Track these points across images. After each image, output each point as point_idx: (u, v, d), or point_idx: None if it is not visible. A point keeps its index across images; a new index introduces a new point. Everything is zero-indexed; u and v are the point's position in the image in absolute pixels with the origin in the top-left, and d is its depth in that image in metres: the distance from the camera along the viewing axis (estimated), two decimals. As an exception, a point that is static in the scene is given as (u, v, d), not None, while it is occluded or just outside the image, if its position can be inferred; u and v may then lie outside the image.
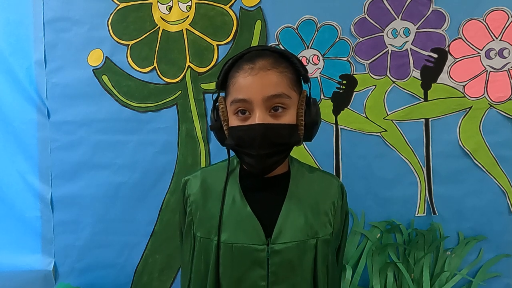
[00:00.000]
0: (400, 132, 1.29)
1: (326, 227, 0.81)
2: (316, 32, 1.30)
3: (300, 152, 1.30)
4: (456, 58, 1.26)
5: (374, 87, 1.30)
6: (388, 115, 1.30)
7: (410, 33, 1.27)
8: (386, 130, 1.29)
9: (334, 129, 1.31)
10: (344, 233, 0.91)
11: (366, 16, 1.28)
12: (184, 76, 1.35)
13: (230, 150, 0.81)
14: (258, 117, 0.72)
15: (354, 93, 1.30)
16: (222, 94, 0.81)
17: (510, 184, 1.26)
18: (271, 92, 0.72)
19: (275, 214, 0.79)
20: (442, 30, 1.26)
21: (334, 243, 0.86)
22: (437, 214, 1.29)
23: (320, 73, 1.31)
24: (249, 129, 0.73)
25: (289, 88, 0.75)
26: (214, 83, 0.81)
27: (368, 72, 1.30)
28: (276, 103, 0.74)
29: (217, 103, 0.79)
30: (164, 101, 1.35)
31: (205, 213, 0.82)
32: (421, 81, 1.28)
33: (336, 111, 1.31)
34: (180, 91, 1.35)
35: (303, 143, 1.29)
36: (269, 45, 1.31)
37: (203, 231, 0.82)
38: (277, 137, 0.74)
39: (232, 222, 0.79)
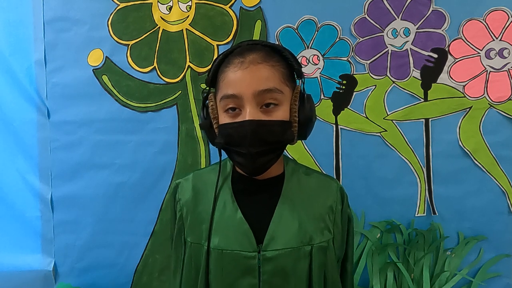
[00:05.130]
0: (400, 132, 1.29)
1: (323, 233, 0.76)
2: (316, 32, 1.30)
3: (300, 152, 1.30)
4: (456, 58, 1.26)
5: (374, 87, 1.30)
6: (388, 115, 1.30)
7: (410, 33, 1.27)
8: (386, 130, 1.29)
9: (334, 129, 1.31)
10: (349, 241, 0.85)
11: (366, 16, 1.28)
12: (184, 76, 1.35)
13: (222, 152, 0.77)
14: (249, 113, 0.68)
15: (354, 93, 1.30)
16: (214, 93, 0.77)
17: (510, 184, 1.26)
18: (262, 86, 0.68)
19: (267, 219, 0.74)
20: (442, 30, 1.26)
21: (337, 253, 0.81)
22: (437, 214, 1.29)
23: (320, 73, 1.31)
24: (239, 126, 0.69)
25: (281, 82, 0.71)
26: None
27: (368, 72, 1.30)
28: (268, 98, 0.70)
29: (207, 101, 0.76)
30: (164, 101, 1.35)
31: (196, 217, 0.78)
32: (421, 81, 1.28)
33: (336, 111, 1.31)
34: (180, 91, 1.35)
35: (303, 143, 1.31)
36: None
37: (193, 236, 0.78)
38: (268, 134, 0.69)
39: (223, 227, 0.75)
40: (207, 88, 0.76)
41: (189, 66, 1.34)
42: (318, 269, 0.75)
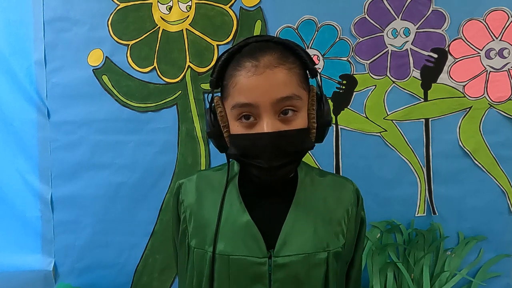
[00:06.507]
0: (400, 132, 1.29)
1: (338, 239, 0.70)
2: (316, 32, 1.30)
3: (300, 152, 1.30)
4: (456, 58, 1.26)
5: (374, 87, 1.30)
6: (388, 115, 1.30)
7: (410, 33, 1.27)
8: (386, 130, 1.29)
9: (334, 129, 1.31)
10: (359, 245, 0.79)
11: (366, 16, 1.28)
12: (184, 76, 1.35)
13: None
14: (267, 124, 0.62)
15: (354, 93, 1.30)
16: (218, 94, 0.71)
17: (510, 184, 1.26)
18: (280, 94, 0.62)
19: (279, 223, 0.68)
20: (442, 30, 1.26)
21: (345, 257, 0.74)
22: (437, 214, 1.29)
23: (320, 73, 1.31)
24: (256, 139, 0.63)
25: (299, 87, 0.65)
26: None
27: (368, 72, 1.30)
28: (286, 106, 0.63)
29: (213, 104, 0.69)
30: (164, 101, 1.35)
31: (200, 220, 0.73)
32: (421, 81, 1.28)
33: (336, 111, 1.31)
34: (180, 91, 1.35)
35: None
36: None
37: (197, 240, 0.72)
38: (289, 145, 0.64)
39: (229, 231, 0.69)
40: (211, 90, 0.69)
41: (189, 66, 1.34)
42: (333, 277, 0.69)
